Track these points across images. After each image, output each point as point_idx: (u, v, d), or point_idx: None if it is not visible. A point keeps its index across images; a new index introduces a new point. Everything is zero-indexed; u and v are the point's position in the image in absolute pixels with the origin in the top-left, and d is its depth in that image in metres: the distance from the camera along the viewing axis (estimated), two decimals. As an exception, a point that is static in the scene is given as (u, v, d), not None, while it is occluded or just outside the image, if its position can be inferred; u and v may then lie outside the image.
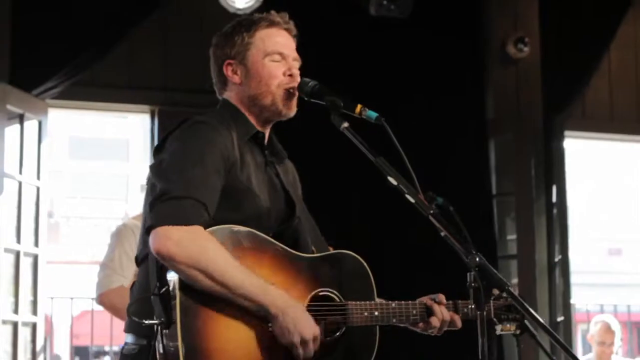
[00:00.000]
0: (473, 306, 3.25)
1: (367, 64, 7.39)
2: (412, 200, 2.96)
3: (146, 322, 2.89)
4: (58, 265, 22.55)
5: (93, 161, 27.11)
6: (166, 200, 2.87)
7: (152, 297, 2.90)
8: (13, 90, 6.69)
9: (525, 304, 2.90)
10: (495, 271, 2.84)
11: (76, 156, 28.10)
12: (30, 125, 6.90)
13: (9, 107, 6.65)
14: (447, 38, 7.63)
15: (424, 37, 7.56)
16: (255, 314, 2.93)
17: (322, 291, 3.14)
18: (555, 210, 7.91)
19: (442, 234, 2.90)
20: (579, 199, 25.16)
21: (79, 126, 26.43)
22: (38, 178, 6.92)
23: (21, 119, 6.81)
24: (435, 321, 3.32)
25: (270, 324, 2.95)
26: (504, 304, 3.71)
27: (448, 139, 7.46)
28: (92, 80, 7.19)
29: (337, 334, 3.13)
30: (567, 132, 8.08)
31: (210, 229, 2.90)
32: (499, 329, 3.70)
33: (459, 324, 3.37)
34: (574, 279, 8.05)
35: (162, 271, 2.90)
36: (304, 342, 2.95)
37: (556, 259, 7.84)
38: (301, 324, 2.95)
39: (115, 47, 7.03)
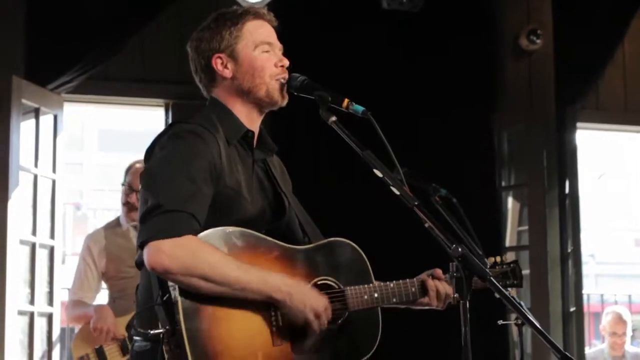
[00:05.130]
0: (456, 295, 3.31)
1: (378, 56, 7.42)
2: (397, 192, 3.03)
3: (152, 331, 2.96)
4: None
5: (121, 153, 27.30)
6: (156, 215, 2.91)
7: (155, 306, 2.96)
8: (28, 84, 6.78)
9: (507, 294, 2.96)
10: (477, 261, 2.90)
11: (105, 148, 28.32)
12: (46, 119, 7.00)
13: (24, 101, 6.74)
14: (459, 31, 7.65)
15: (436, 31, 7.59)
16: (259, 306, 3.00)
17: (320, 280, 3.20)
18: (567, 202, 7.92)
19: (426, 225, 2.96)
20: (604, 190, 25.07)
21: (109, 118, 26.62)
22: (54, 171, 7.02)
23: (37, 113, 6.90)
24: (430, 296, 3.40)
25: (272, 313, 3.02)
26: (500, 271, 3.81)
27: (458, 130, 7.48)
28: (107, 74, 7.27)
29: (340, 320, 3.18)
30: (580, 124, 8.07)
31: (202, 233, 2.95)
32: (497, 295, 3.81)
33: None
34: (600, 269, 8.13)
35: (162, 279, 2.95)
36: (317, 316, 3.05)
37: (568, 250, 7.86)
38: (309, 299, 3.05)
39: (130, 41, 7.11)
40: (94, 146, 29.21)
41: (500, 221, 7.85)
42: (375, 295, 3.25)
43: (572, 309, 7.80)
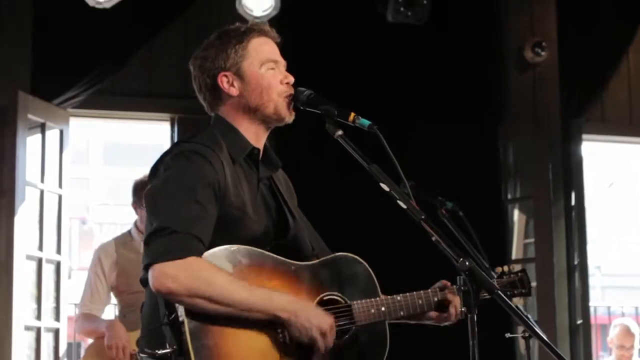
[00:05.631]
0: (464, 309, 3.31)
1: (384, 69, 7.44)
2: (404, 206, 3.02)
3: (159, 352, 2.95)
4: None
5: (127, 167, 27.30)
6: (161, 237, 2.91)
7: (162, 326, 2.96)
8: (35, 99, 6.80)
9: (514, 307, 2.95)
10: (485, 275, 2.90)
11: (110, 163, 28.32)
12: (52, 134, 7.02)
13: (30, 116, 6.76)
14: (464, 43, 7.66)
15: (440, 43, 7.60)
16: (266, 324, 3.00)
17: (326, 295, 3.18)
18: (573, 214, 7.92)
19: (433, 238, 2.96)
20: (610, 201, 25.02)
21: (115, 133, 26.62)
22: (60, 186, 7.03)
23: (43, 128, 6.93)
24: (452, 311, 3.42)
25: (279, 330, 3.02)
26: (508, 281, 3.80)
27: (464, 143, 7.49)
28: (113, 89, 7.30)
29: (347, 335, 3.17)
30: (585, 136, 8.07)
31: (208, 251, 2.95)
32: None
33: None
34: (607, 281, 8.12)
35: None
36: (323, 334, 3.04)
37: (575, 262, 7.85)
38: (315, 318, 3.04)
39: (135, 56, 7.14)
40: (99, 160, 29.21)
41: (506, 234, 7.86)
42: (382, 308, 3.24)
43: (579, 322, 7.79)
